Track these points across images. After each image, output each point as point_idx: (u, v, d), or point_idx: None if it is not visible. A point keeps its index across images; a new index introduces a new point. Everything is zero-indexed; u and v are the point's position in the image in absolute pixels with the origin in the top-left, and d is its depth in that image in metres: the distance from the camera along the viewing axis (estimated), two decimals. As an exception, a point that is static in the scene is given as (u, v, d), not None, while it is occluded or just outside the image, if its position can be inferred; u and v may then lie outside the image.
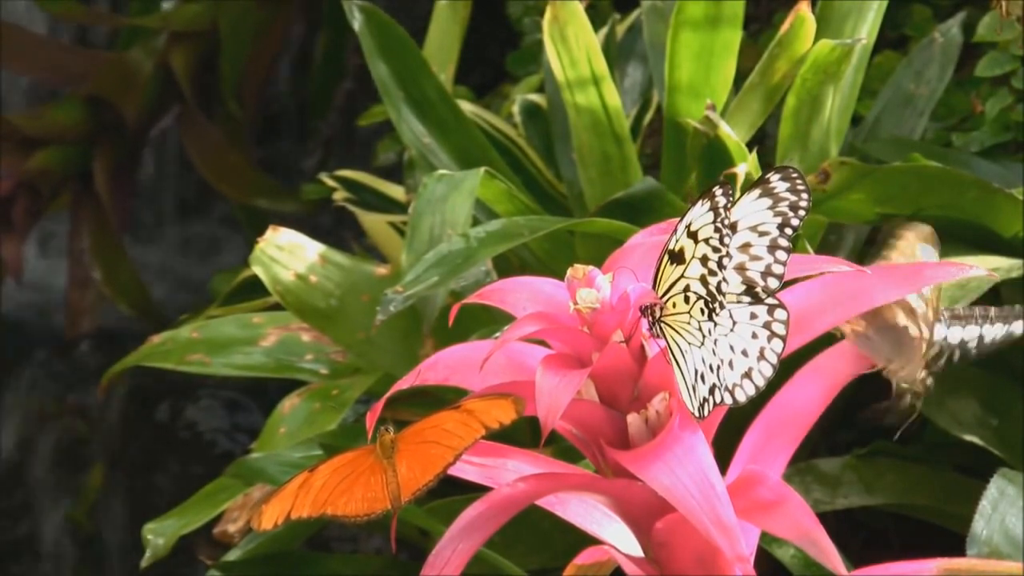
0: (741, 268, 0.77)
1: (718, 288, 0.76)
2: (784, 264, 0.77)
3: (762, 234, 0.77)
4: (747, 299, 0.77)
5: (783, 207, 0.77)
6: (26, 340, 2.13)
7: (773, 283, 0.77)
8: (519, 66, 1.66)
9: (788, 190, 0.77)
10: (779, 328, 0.76)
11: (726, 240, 0.75)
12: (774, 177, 0.77)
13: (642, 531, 0.81)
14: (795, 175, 0.77)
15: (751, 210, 0.77)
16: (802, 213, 0.77)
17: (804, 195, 0.77)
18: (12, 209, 1.96)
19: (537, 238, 1.15)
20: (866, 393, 1.24)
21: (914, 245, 0.87)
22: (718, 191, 0.75)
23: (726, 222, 0.75)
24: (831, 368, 0.83)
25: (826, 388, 0.83)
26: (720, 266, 0.75)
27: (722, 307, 0.76)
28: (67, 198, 2.04)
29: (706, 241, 0.75)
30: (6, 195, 1.95)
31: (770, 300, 0.77)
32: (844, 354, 0.83)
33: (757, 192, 0.77)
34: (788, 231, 0.77)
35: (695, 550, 0.80)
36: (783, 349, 0.76)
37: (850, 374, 0.83)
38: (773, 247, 0.77)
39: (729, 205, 0.75)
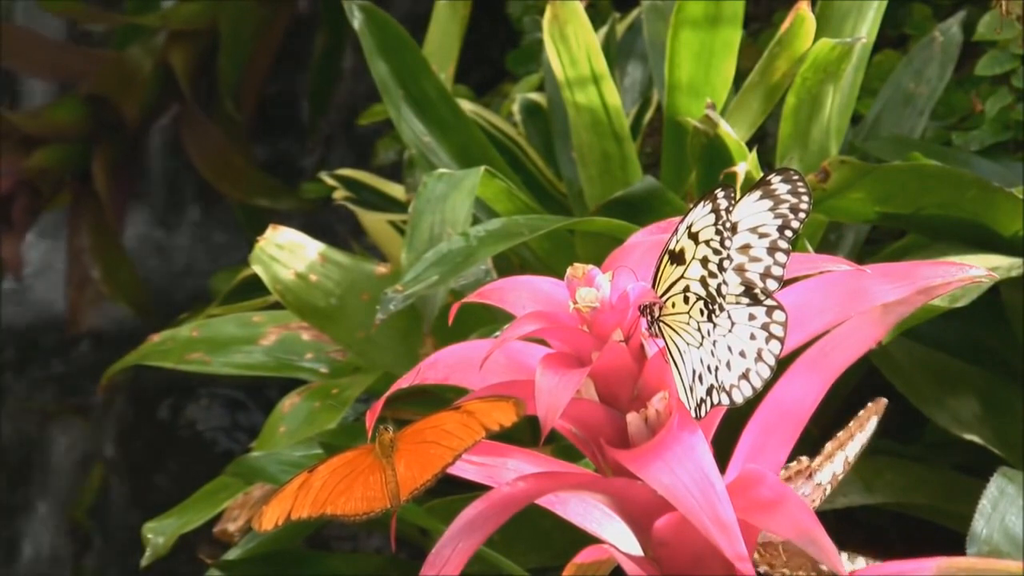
0: (740, 269, 0.77)
1: (718, 290, 0.76)
2: (783, 266, 0.77)
3: (762, 236, 0.77)
4: (746, 300, 0.77)
5: (784, 209, 0.77)
6: (26, 339, 2.13)
7: (772, 285, 0.77)
8: (519, 65, 1.67)
9: (789, 192, 0.77)
10: (777, 330, 0.76)
11: (727, 243, 0.75)
12: (775, 179, 0.77)
13: (642, 530, 0.81)
14: (796, 177, 0.77)
15: (751, 211, 0.77)
16: (803, 216, 0.77)
17: (805, 197, 0.77)
18: (11, 207, 1.96)
19: (537, 237, 1.15)
20: (865, 390, 1.24)
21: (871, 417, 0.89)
22: (720, 193, 0.75)
23: (727, 225, 0.75)
24: (823, 360, 0.83)
25: (820, 381, 0.83)
26: (720, 268, 0.75)
27: (722, 309, 0.76)
28: (66, 197, 2.04)
29: (707, 243, 0.75)
30: (6, 193, 1.95)
31: (768, 302, 0.77)
32: (835, 345, 0.82)
33: (758, 194, 0.77)
34: (788, 233, 0.77)
35: (695, 549, 0.80)
36: (781, 351, 0.76)
37: (842, 365, 0.83)
38: (773, 249, 0.77)
39: (731, 208, 0.75)
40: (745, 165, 1.13)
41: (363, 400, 1.25)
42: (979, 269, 0.81)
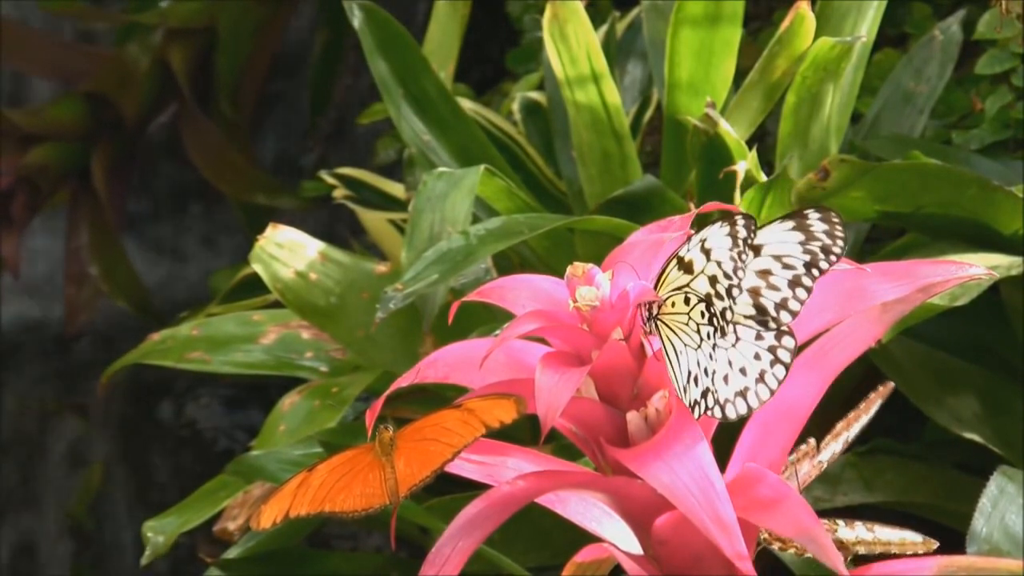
0: (755, 292, 0.76)
1: (723, 315, 0.75)
2: (802, 303, 0.76)
3: (786, 267, 0.76)
4: (754, 322, 0.76)
5: (814, 247, 0.76)
6: (25, 337, 2.13)
7: (786, 317, 0.76)
8: (519, 64, 1.67)
9: (824, 232, 0.76)
10: (784, 355, 0.76)
11: (740, 273, 0.75)
12: (813, 215, 0.76)
13: (642, 529, 0.81)
14: (835, 219, 0.76)
15: (780, 239, 0.76)
16: (833, 259, 0.76)
17: (839, 241, 0.76)
18: (10, 205, 1.96)
19: (537, 236, 1.15)
20: (865, 390, 1.24)
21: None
22: (740, 221, 0.74)
23: (744, 255, 0.74)
24: (823, 359, 0.82)
25: (819, 380, 0.83)
26: (729, 294, 0.75)
27: (724, 334, 0.76)
28: (65, 194, 2.03)
29: (719, 264, 0.75)
30: (4, 191, 1.95)
31: (780, 326, 0.76)
32: (834, 344, 0.82)
33: (791, 223, 0.76)
34: (815, 272, 0.76)
35: (694, 548, 0.80)
36: (785, 377, 0.76)
37: (842, 364, 0.83)
38: (795, 283, 0.76)
39: (750, 239, 0.74)
40: (745, 164, 1.13)
41: (363, 399, 1.25)
42: (979, 268, 0.81)
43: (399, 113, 1.29)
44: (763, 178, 1.14)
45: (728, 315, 0.75)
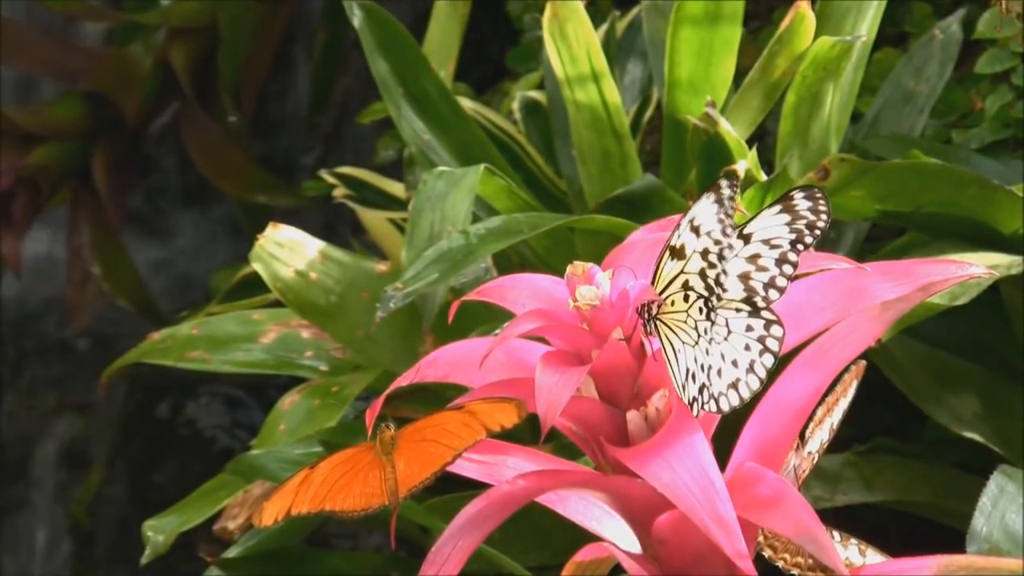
0: (745, 277, 0.77)
1: (716, 280, 0.76)
2: (788, 279, 0.77)
3: (773, 247, 0.77)
4: (746, 310, 0.77)
5: (800, 225, 0.77)
6: (26, 336, 2.13)
7: (774, 295, 0.77)
8: (519, 63, 1.67)
9: (809, 209, 0.77)
10: (772, 344, 0.76)
11: (728, 231, 0.75)
12: (798, 195, 0.77)
13: (642, 528, 0.81)
14: (819, 195, 0.77)
15: (768, 224, 0.77)
16: (818, 233, 0.77)
17: (823, 216, 0.77)
18: (11, 205, 1.96)
19: (537, 235, 1.15)
20: (865, 389, 1.25)
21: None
22: (723, 183, 0.75)
23: (730, 212, 0.75)
24: (822, 358, 0.83)
25: (819, 379, 0.83)
26: (720, 257, 0.75)
27: (719, 299, 0.76)
28: (66, 194, 2.04)
29: (708, 234, 0.75)
30: (5, 191, 1.95)
31: (768, 315, 0.76)
32: (834, 343, 0.82)
33: (778, 208, 0.77)
34: (800, 247, 0.77)
35: (695, 547, 0.80)
36: (774, 365, 0.76)
37: (842, 363, 0.83)
38: (781, 261, 0.77)
39: (735, 196, 0.75)
40: (745, 163, 1.13)
41: (363, 398, 1.25)
42: (979, 267, 0.81)
43: (399, 112, 1.29)
44: (763, 177, 1.14)
45: (722, 279, 0.76)
